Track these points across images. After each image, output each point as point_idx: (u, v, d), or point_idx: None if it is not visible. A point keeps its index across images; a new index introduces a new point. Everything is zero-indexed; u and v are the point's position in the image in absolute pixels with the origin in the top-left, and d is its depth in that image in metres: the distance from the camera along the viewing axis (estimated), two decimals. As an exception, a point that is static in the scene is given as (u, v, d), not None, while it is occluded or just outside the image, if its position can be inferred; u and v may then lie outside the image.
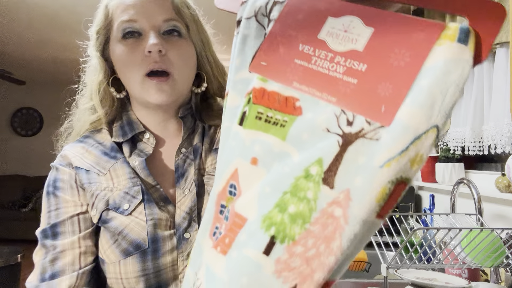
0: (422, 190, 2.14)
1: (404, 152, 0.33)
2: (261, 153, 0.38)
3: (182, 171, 0.69)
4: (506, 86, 1.46)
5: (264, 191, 0.38)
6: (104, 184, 0.66)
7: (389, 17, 0.35)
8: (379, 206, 0.34)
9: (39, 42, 4.06)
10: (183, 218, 0.65)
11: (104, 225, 0.64)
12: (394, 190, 0.34)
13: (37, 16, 3.36)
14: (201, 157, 0.71)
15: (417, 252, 1.37)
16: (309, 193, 0.35)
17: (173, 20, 0.66)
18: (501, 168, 1.68)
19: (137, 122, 0.71)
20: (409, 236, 0.94)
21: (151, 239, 0.62)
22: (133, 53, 0.64)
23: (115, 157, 0.69)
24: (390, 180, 0.33)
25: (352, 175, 0.34)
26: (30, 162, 5.87)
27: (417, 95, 0.32)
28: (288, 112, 0.38)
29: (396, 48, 0.34)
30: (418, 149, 0.32)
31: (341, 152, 0.35)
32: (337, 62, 0.36)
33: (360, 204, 0.34)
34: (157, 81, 0.64)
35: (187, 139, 0.71)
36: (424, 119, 0.32)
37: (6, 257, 2.62)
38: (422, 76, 0.32)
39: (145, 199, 0.64)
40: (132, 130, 0.70)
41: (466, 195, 1.68)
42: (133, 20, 0.64)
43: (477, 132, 1.70)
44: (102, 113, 0.71)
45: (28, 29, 3.72)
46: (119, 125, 0.72)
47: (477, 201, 1.27)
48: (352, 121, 0.35)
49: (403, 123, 0.33)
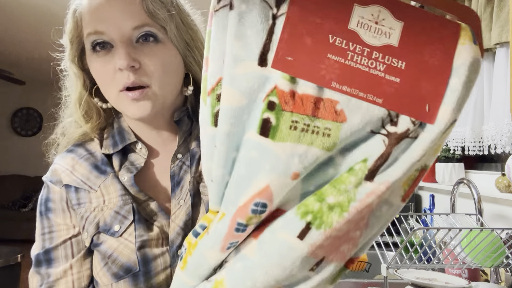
0: (422, 190, 2.14)
1: (431, 144, 0.35)
2: (304, 167, 0.35)
3: (178, 179, 0.65)
4: (506, 86, 1.46)
5: (309, 189, 0.37)
6: (95, 203, 0.63)
7: (412, 10, 0.34)
8: (404, 190, 0.37)
9: (39, 42, 4.06)
10: (177, 233, 0.62)
11: (96, 248, 0.62)
12: (418, 176, 0.37)
13: (37, 16, 3.36)
14: (199, 162, 0.66)
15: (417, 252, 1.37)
16: (349, 186, 0.35)
17: (145, 26, 0.58)
18: (501, 168, 1.68)
19: (129, 131, 0.66)
20: (409, 236, 0.94)
21: (141, 261, 0.60)
22: (105, 68, 0.58)
23: (105, 172, 0.65)
24: (417, 168, 0.36)
25: (391, 169, 0.35)
26: (30, 162, 5.86)
27: (450, 93, 0.34)
28: (329, 118, 0.34)
29: (427, 45, 0.34)
30: (441, 141, 0.35)
31: (386, 152, 0.35)
32: (376, 58, 0.34)
33: (392, 190, 0.36)
34: (132, 96, 0.58)
35: (184, 144, 0.67)
36: (453, 115, 0.34)
37: (6, 257, 2.62)
38: (453, 74, 0.34)
39: (136, 219, 0.61)
40: (123, 141, 0.66)
41: (466, 195, 1.67)
42: (100, 32, 0.58)
43: (477, 132, 1.70)
44: (88, 128, 0.67)
45: (28, 29, 3.72)
46: (110, 134, 0.67)
47: (477, 201, 1.27)
48: (397, 121, 0.35)
49: (440, 121, 0.34)
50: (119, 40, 0.57)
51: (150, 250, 0.61)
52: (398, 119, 0.34)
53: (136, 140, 0.66)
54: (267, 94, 0.34)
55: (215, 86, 0.37)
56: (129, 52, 0.57)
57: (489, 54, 1.61)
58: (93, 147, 0.68)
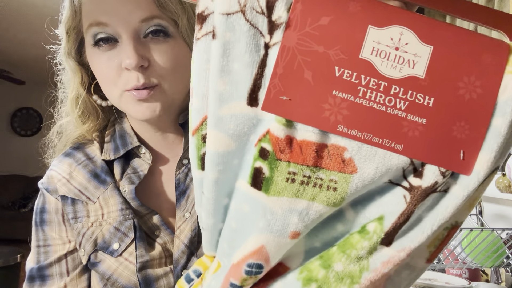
0: (422, 190, 2.14)
1: (466, 199, 0.28)
2: (305, 225, 0.29)
3: (184, 188, 0.59)
4: (506, 86, 1.46)
5: (314, 245, 0.32)
6: (93, 217, 0.58)
7: (445, 30, 0.27)
8: (429, 252, 0.31)
9: (39, 42, 4.05)
10: (182, 252, 0.56)
11: (94, 268, 0.58)
12: (447, 235, 0.30)
13: (37, 16, 3.36)
14: None
15: (417, 252, 1.37)
16: (362, 252, 0.29)
17: (155, 18, 0.51)
18: (501, 168, 1.68)
19: (131, 134, 0.61)
20: (410, 236, 0.94)
21: (143, 283, 0.55)
22: (109, 64, 0.52)
23: (104, 182, 0.59)
24: (446, 227, 0.30)
25: (414, 232, 0.29)
26: (30, 162, 5.86)
27: (493, 136, 0.27)
28: (335, 168, 0.28)
29: (464, 75, 0.27)
30: (479, 194, 0.29)
31: (408, 210, 0.28)
32: (395, 94, 0.27)
33: (415, 254, 0.30)
34: (139, 96, 0.52)
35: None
36: (494, 163, 0.28)
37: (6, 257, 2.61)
38: (497, 113, 0.27)
39: (137, 237, 0.56)
40: (125, 146, 0.60)
41: (466, 195, 1.68)
42: (103, 24, 0.51)
43: (477, 132, 1.70)
44: (85, 130, 0.61)
45: (28, 29, 3.72)
46: (111, 137, 0.62)
47: (477, 201, 1.27)
48: (422, 171, 0.28)
49: (478, 171, 0.28)
50: (126, 34, 0.51)
51: (152, 271, 0.56)
52: (424, 170, 0.28)
53: (139, 144, 0.60)
54: (259, 138, 0.29)
55: (199, 125, 0.31)
56: (137, 49, 0.50)
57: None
58: (93, 151, 0.62)
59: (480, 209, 1.27)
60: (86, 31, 0.54)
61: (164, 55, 0.53)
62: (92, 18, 0.52)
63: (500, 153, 0.28)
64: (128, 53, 0.50)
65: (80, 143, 0.64)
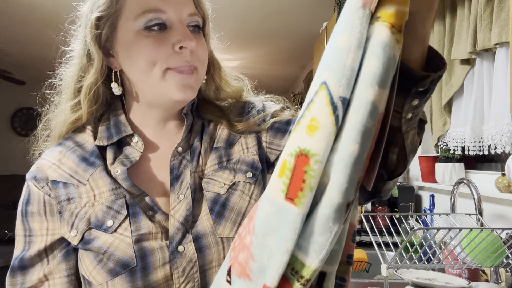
0: (422, 190, 2.14)
1: (299, 120, 0.31)
2: None
3: (178, 173, 0.63)
4: (506, 86, 1.46)
5: None
6: (85, 198, 0.61)
7: None
8: (283, 183, 0.31)
9: (39, 42, 4.05)
10: (177, 229, 0.59)
11: (86, 246, 0.59)
12: (295, 164, 0.31)
13: (37, 17, 3.36)
14: (200, 157, 0.66)
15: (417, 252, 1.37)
16: None
17: (196, 15, 0.62)
18: (501, 168, 1.68)
19: (126, 124, 0.65)
20: (409, 236, 0.94)
21: (139, 256, 0.57)
22: (159, 46, 0.58)
23: (93, 164, 0.62)
24: (289, 153, 0.31)
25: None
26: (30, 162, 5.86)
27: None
28: None
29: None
30: (312, 113, 0.31)
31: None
32: None
33: (270, 181, 0.33)
34: (184, 75, 0.59)
35: (185, 138, 0.66)
36: (315, 81, 0.32)
37: (6, 257, 2.61)
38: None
39: (130, 213, 0.59)
40: (118, 133, 0.64)
41: (466, 195, 1.67)
42: (161, 11, 0.58)
43: (477, 132, 1.70)
44: (85, 111, 0.65)
45: (29, 29, 3.72)
46: (105, 126, 0.66)
47: (477, 201, 1.27)
48: None
49: (308, 92, 0.33)
50: (177, 22, 0.60)
51: (148, 244, 0.58)
52: None
53: (132, 133, 0.65)
54: None
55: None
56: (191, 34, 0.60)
57: (489, 54, 1.61)
58: (83, 139, 0.66)
59: (480, 209, 1.27)
60: (137, 16, 0.59)
61: (200, 45, 0.62)
62: (147, 5, 0.58)
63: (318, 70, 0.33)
64: (187, 35, 0.59)
65: (70, 134, 0.67)
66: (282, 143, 0.68)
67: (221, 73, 0.72)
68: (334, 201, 0.29)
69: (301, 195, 0.30)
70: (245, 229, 0.35)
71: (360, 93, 0.30)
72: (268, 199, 0.32)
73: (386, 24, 0.30)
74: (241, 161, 0.66)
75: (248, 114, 0.71)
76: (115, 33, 0.61)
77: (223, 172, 0.65)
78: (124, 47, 0.61)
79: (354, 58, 0.30)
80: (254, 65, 4.90)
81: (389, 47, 0.30)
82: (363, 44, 0.30)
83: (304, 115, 0.31)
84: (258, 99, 0.75)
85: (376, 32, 0.30)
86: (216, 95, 0.72)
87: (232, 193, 0.63)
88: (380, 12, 0.30)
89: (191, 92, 0.61)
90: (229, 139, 0.68)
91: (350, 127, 0.29)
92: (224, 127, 0.69)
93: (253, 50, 4.34)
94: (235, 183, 0.64)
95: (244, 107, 0.73)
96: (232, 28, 3.64)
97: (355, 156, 0.29)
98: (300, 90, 4.94)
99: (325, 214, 0.30)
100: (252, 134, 0.69)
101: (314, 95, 0.31)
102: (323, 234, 0.29)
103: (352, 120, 0.29)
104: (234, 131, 0.68)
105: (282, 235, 0.31)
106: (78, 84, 0.65)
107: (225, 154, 0.67)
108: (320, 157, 0.29)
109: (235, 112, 0.72)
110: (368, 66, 0.30)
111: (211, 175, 0.64)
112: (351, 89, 0.30)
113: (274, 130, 0.69)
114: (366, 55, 0.30)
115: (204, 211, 0.62)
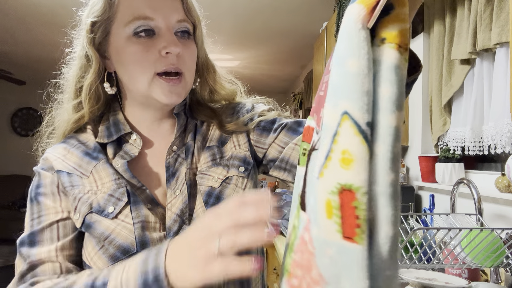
0: (422, 190, 2.14)
1: (329, 155, 0.31)
2: None
3: (173, 170, 0.66)
4: (506, 86, 1.46)
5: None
6: (88, 187, 0.63)
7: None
8: (336, 223, 0.30)
9: (39, 42, 4.06)
10: (174, 220, 0.63)
11: (88, 230, 0.61)
12: (341, 202, 0.30)
13: (37, 16, 3.36)
14: (194, 155, 0.69)
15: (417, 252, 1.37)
16: (295, 220, 0.34)
17: (185, 21, 0.65)
18: (501, 168, 1.68)
19: (124, 123, 0.69)
20: (409, 236, 0.94)
21: (139, 243, 0.59)
22: (147, 52, 0.62)
23: (96, 158, 0.66)
24: (330, 191, 0.31)
25: (309, 192, 0.33)
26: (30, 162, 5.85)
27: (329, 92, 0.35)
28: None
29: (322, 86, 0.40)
30: (342, 146, 0.31)
31: (306, 169, 0.34)
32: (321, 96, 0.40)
33: (316, 223, 0.31)
34: (172, 83, 0.63)
35: (179, 137, 0.69)
36: (332, 112, 0.32)
37: (6, 257, 2.62)
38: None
39: (131, 201, 0.61)
40: (118, 131, 0.68)
41: (466, 195, 1.67)
42: (150, 18, 0.62)
43: (477, 132, 1.70)
44: (87, 110, 0.68)
45: (28, 29, 3.72)
46: (105, 126, 0.69)
47: (477, 201, 1.27)
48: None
49: (325, 123, 0.33)
50: (165, 28, 0.63)
51: (148, 233, 0.60)
52: (314, 133, 0.39)
53: (131, 131, 0.69)
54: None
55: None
56: (177, 40, 0.63)
57: (489, 54, 1.61)
58: (85, 138, 0.69)
59: (480, 209, 1.27)
60: (127, 23, 0.62)
61: (188, 51, 0.65)
62: (138, 12, 0.62)
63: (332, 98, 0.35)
64: (172, 41, 0.62)
65: (73, 134, 0.70)
66: (268, 141, 0.71)
67: (216, 76, 0.75)
68: (389, 233, 0.30)
69: (359, 231, 0.29)
70: (305, 281, 0.33)
71: (383, 121, 0.30)
72: (326, 242, 0.31)
73: (393, 46, 0.31)
74: (233, 157, 0.69)
75: (238, 113, 0.75)
76: (109, 38, 0.65)
77: (217, 168, 0.68)
78: (115, 51, 0.65)
79: (368, 82, 0.31)
80: (254, 65, 4.90)
81: (400, 68, 0.31)
82: (372, 66, 0.31)
83: (332, 149, 0.31)
84: (249, 100, 0.79)
85: (386, 55, 0.31)
86: (211, 97, 0.76)
87: (225, 186, 0.66)
88: (384, 34, 0.31)
89: (177, 97, 0.64)
90: (221, 138, 0.72)
91: (381, 157, 0.30)
92: (216, 127, 0.72)
93: (253, 50, 4.34)
94: (228, 177, 0.67)
95: (235, 107, 0.76)
96: (232, 28, 3.64)
97: (394, 185, 0.30)
98: (300, 90, 4.93)
99: (385, 249, 0.30)
100: (243, 133, 0.72)
101: (337, 126, 0.31)
102: (390, 268, 0.30)
103: (382, 150, 0.30)
104: (224, 132, 0.71)
105: (353, 275, 0.30)
106: (78, 84, 0.68)
107: (218, 152, 0.70)
108: (365, 188, 0.29)
109: (227, 113, 0.75)
110: (385, 92, 0.30)
111: (205, 171, 0.68)
112: (371, 112, 0.31)
113: (260, 128, 0.72)
114: (380, 79, 0.31)
115: (199, 204, 0.64)
